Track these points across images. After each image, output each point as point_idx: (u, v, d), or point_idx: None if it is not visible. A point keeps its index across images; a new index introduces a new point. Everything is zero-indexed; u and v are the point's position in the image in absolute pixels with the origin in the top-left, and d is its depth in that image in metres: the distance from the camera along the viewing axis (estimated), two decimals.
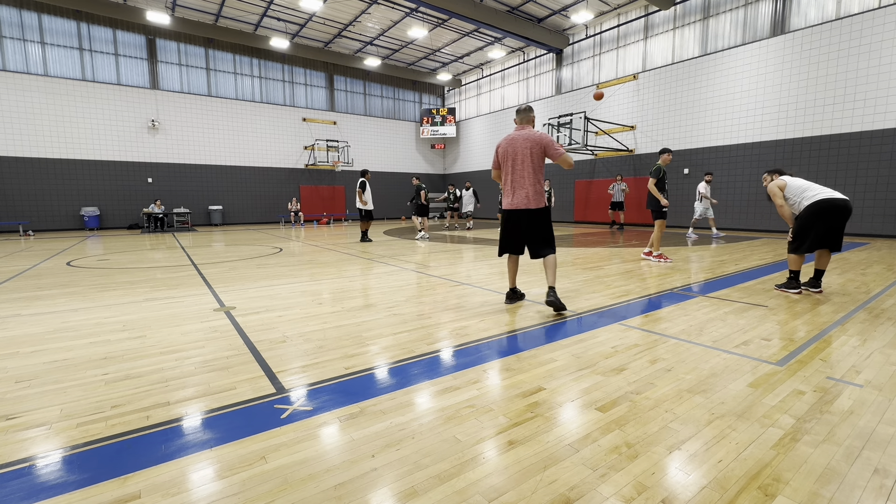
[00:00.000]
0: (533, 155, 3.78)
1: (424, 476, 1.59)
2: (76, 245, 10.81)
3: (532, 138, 3.78)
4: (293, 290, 5.04)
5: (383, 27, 18.23)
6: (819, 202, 4.37)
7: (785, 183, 4.68)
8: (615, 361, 2.70)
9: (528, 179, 3.82)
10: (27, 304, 4.47)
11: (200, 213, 18.87)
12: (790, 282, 4.70)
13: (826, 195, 4.40)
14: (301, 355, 2.87)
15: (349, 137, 22.42)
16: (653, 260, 6.94)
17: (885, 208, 10.72)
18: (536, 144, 3.77)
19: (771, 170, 5.04)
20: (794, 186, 4.63)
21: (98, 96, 16.49)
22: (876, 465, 1.63)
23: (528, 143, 3.79)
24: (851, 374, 2.48)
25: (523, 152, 3.80)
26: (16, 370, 2.66)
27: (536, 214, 3.86)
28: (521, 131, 3.89)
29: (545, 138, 3.77)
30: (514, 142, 3.86)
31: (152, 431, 1.92)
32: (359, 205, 10.71)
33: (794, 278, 4.67)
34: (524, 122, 3.95)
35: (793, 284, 4.66)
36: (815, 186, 4.55)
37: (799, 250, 4.54)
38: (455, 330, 3.41)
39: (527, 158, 3.79)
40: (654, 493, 1.48)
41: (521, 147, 3.82)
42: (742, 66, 13.01)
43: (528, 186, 3.82)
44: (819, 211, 4.37)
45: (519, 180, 3.86)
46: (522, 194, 3.85)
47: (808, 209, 4.42)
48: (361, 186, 10.55)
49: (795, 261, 4.62)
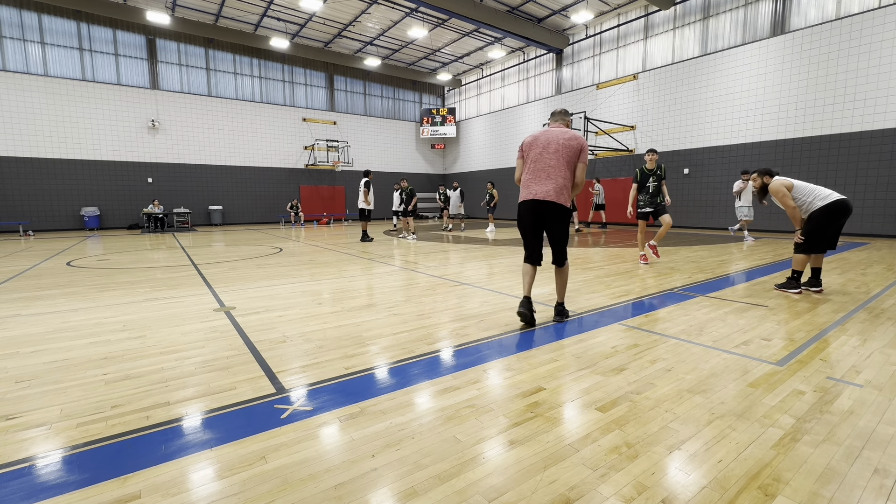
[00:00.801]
0: (570, 149, 3.41)
1: (424, 476, 1.59)
2: (76, 245, 10.81)
3: (572, 135, 3.47)
4: (293, 290, 5.04)
5: (383, 27, 18.23)
6: (836, 203, 4.40)
7: (792, 184, 4.62)
8: (615, 361, 2.70)
9: (559, 171, 3.40)
10: (27, 304, 4.47)
11: (200, 213, 18.87)
12: (791, 282, 4.69)
13: (838, 196, 4.45)
14: (301, 355, 2.87)
15: (349, 137, 22.42)
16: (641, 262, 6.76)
17: (885, 208, 10.72)
18: (575, 140, 3.44)
19: (761, 170, 4.83)
20: (803, 187, 4.60)
21: (98, 96, 16.49)
22: (876, 465, 1.63)
23: (566, 137, 3.44)
24: (851, 374, 2.48)
25: (558, 142, 3.43)
26: (16, 370, 2.66)
27: (561, 213, 3.45)
28: (561, 129, 3.56)
29: (584, 141, 3.49)
30: (549, 133, 3.51)
31: (152, 431, 1.92)
32: (364, 205, 10.79)
33: (797, 278, 4.66)
34: (559, 122, 3.65)
35: (794, 284, 4.66)
36: (819, 187, 4.57)
37: (813, 250, 4.55)
38: (455, 330, 3.41)
39: (561, 149, 3.41)
40: (654, 493, 1.48)
41: (557, 138, 3.45)
42: (742, 66, 13.01)
43: (560, 178, 3.40)
44: (835, 212, 4.41)
45: (548, 169, 3.43)
46: (551, 185, 3.40)
47: (826, 210, 4.42)
48: (367, 186, 10.69)
49: (802, 261, 4.61)
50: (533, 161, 3.52)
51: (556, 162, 3.43)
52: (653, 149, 6.61)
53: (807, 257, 4.60)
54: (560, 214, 3.45)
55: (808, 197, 4.56)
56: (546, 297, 4.52)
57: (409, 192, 12.31)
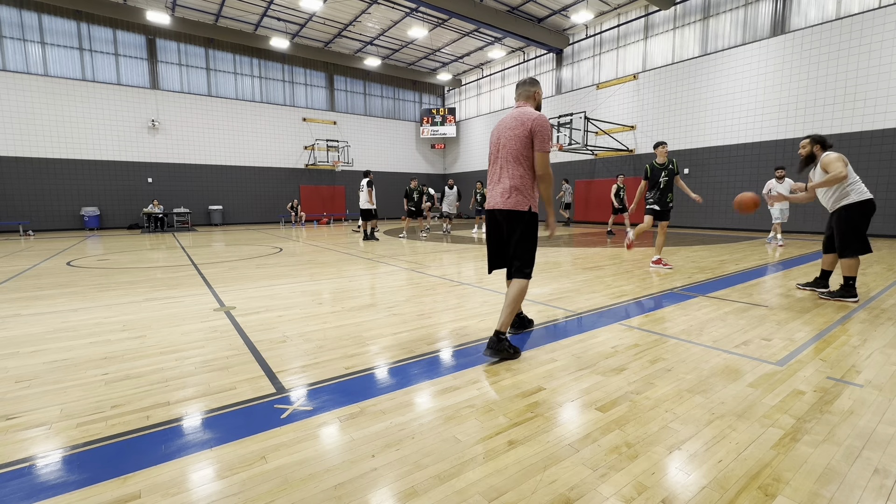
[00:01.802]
0: (517, 139, 2.83)
1: (424, 476, 1.59)
2: (76, 245, 10.81)
3: (520, 119, 2.84)
4: (293, 290, 5.04)
5: (383, 27, 18.23)
6: (871, 201, 4.12)
7: (847, 162, 4.11)
8: (615, 361, 2.70)
9: (507, 169, 2.88)
10: (27, 304, 4.47)
11: (200, 213, 18.87)
12: (849, 289, 4.17)
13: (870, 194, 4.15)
14: (301, 355, 2.87)
15: (349, 137, 22.42)
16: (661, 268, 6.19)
17: (885, 208, 10.71)
18: (521, 126, 2.82)
19: (815, 137, 4.27)
20: (851, 171, 4.13)
21: (98, 96, 16.49)
22: (876, 465, 1.63)
23: (513, 125, 2.86)
24: (851, 374, 2.48)
25: (507, 134, 2.89)
26: (16, 370, 2.66)
27: (514, 218, 2.88)
28: (516, 110, 2.96)
29: (537, 122, 2.79)
30: (502, 121, 2.99)
31: (152, 431, 1.92)
32: (368, 204, 10.92)
33: (852, 285, 4.16)
34: (521, 99, 3.03)
35: (851, 292, 4.16)
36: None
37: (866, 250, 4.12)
38: (455, 330, 3.41)
39: (509, 142, 2.87)
40: (654, 493, 1.48)
41: (505, 127, 2.91)
42: (742, 66, 13.01)
43: (507, 178, 2.88)
44: (871, 209, 4.12)
45: (498, 171, 2.96)
46: (498, 190, 2.93)
47: (863, 207, 4.09)
48: (371, 186, 10.86)
49: (853, 266, 4.16)
50: (490, 162, 3.05)
51: (505, 159, 2.90)
52: (662, 141, 6.14)
53: (856, 261, 4.15)
54: (515, 220, 2.89)
55: (853, 184, 4.11)
56: (545, 297, 4.52)
57: (420, 191, 12.41)
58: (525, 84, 3.04)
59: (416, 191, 12.36)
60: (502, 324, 2.81)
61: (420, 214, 12.71)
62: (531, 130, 2.80)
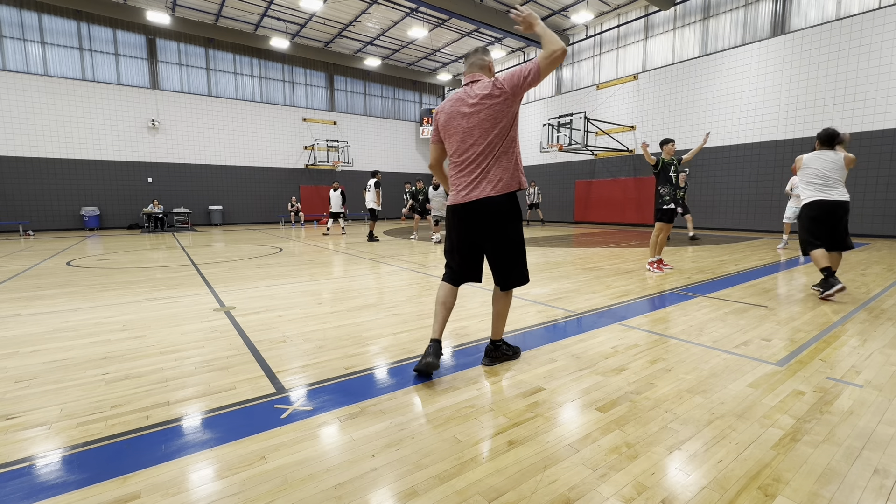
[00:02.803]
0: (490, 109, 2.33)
1: (424, 476, 1.59)
2: (76, 245, 10.81)
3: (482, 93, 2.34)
4: (293, 290, 5.04)
5: (383, 27, 18.23)
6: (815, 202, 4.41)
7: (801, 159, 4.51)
8: (615, 361, 2.70)
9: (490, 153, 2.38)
10: (27, 303, 4.46)
11: (200, 213, 18.87)
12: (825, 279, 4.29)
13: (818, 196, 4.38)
14: (301, 355, 2.87)
15: (349, 137, 22.42)
16: (653, 270, 5.96)
17: (885, 208, 10.72)
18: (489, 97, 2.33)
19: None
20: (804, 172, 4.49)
21: (98, 96, 16.49)
22: (876, 466, 1.63)
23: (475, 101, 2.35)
24: (851, 374, 2.48)
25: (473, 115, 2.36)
26: (16, 370, 2.66)
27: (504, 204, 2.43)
28: (471, 88, 2.40)
29: (497, 79, 2.36)
30: (460, 101, 2.41)
31: (152, 431, 1.92)
32: (374, 205, 10.96)
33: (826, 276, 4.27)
34: (474, 70, 2.47)
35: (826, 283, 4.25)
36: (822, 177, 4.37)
37: (805, 250, 4.53)
38: (455, 330, 3.41)
39: (480, 122, 2.35)
40: (654, 494, 1.48)
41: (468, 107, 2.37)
42: (742, 67, 13.02)
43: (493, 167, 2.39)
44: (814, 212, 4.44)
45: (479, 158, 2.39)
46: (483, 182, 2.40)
47: (807, 209, 4.50)
48: (378, 186, 10.90)
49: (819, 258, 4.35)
50: (457, 152, 2.45)
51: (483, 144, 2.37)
52: (670, 139, 5.87)
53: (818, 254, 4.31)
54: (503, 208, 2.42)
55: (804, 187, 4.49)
56: (545, 297, 4.52)
57: (426, 192, 11.97)
58: (478, 52, 2.49)
59: (421, 192, 12.32)
60: (497, 332, 2.68)
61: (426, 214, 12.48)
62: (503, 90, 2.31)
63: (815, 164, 4.43)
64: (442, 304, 2.57)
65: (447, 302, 2.58)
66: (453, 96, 2.49)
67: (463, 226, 2.52)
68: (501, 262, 2.54)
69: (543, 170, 19.63)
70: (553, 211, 19.41)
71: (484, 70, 2.49)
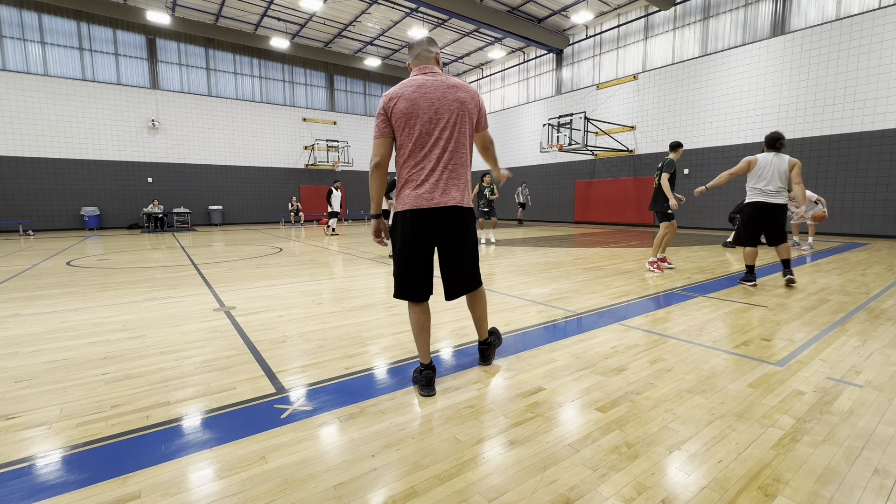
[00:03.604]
0: (469, 114, 2.28)
1: (424, 476, 1.59)
2: (76, 245, 10.81)
3: (462, 87, 2.26)
4: (293, 290, 5.04)
5: (383, 27, 18.23)
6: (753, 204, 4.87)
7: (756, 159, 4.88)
8: (615, 361, 2.70)
9: (458, 156, 2.28)
10: (27, 303, 4.47)
11: (200, 213, 18.87)
12: (747, 274, 5.03)
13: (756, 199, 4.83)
14: (301, 355, 2.87)
15: (349, 137, 22.43)
16: (653, 270, 5.98)
17: (885, 208, 10.72)
18: (472, 100, 2.29)
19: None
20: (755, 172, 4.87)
21: (98, 96, 16.49)
22: (876, 466, 1.63)
23: (464, 97, 2.26)
24: (851, 374, 2.48)
25: (453, 108, 2.22)
26: (16, 370, 2.66)
27: (466, 218, 2.36)
28: (435, 77, 2.25)
29: (480, 96, 2.37)
30: (430, 90, 2.21)
31: (152, 431, 1.92)
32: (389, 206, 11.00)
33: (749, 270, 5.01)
34: (430, 63, 2.33)
35: (749, 277, 5.00)
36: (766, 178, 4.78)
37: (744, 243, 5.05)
38: (455, 330, 3.41)
39: (459, 119, 2.24)
40: (654, 494, 1.48)
41: (449, 103, 2.22)
42: (742, 67, 13.02)
43: (459, 168, 2.30)
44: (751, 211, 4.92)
45: (442, 156, 2.24)
46: (450, 182, 2.27)
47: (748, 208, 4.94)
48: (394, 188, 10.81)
49: (749, 254, 5.03)
50: (422, 147, 2.23)
51: (459, 142, 2.27)
52: (680, 143, 5.96)
53: (749, 251, 4.99)
54: (467, 222, 2.37)
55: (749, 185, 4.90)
56: (545, 297, 4.52)
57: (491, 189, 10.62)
58: (425, 43, 2.34)
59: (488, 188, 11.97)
60: (483, 332, 2.65)
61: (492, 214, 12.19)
62: (480, 106, 2.34)
63: (764, 167, 4.79)
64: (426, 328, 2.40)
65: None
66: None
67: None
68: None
69: (543, 170, 19.63)
70: (553, 211, 19.41)
71: (437, 63, 2.37)
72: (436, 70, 2.31)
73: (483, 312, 2.60)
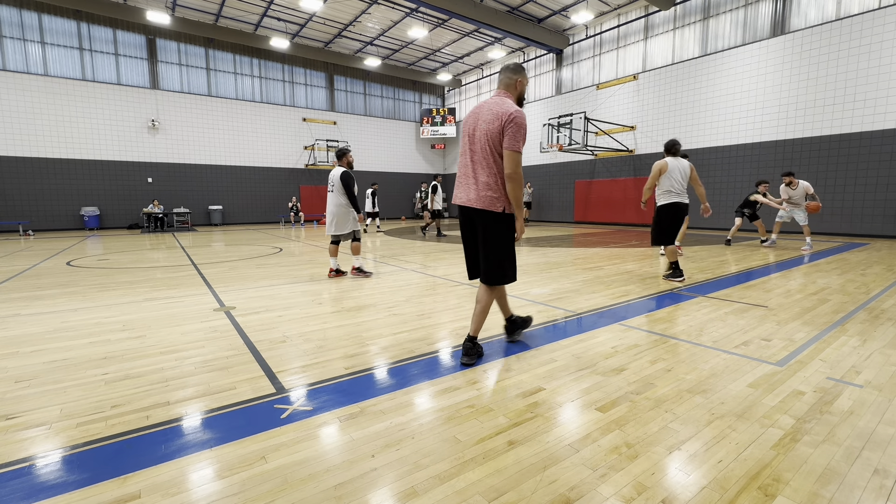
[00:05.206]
0: (491, 134, 2.61)
1: (424, 476, 1.59)
2: (76, 245, 10.81)
3: (497, 111, 2.60)
4: (293, 290, 5.04)
5: (383, 27, 18.23)
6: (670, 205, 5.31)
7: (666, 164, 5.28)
8: (615, 361, 2.70)
9: (482, 165, 2.66)
10: (27, 303, 4.46)
11: (200, 213, 18.86)
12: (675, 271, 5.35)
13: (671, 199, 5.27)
14: (301, 355, 2.87)
15: (349, 137, 22.42)
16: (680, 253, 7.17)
17: (885, 208, 10.72)
18: (497, 120, 2.58)
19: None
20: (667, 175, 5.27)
21: (98, 96, 16.49)
22: (876, 466, 1.63)
23: (488, 118, 2.63)
24: (851, 374, 2.48)
25: (482, 128, 2.65)
26: (16, 370, 2.66)
27: (487, 218, 2.68)
28: (493, 99, 2.72)
29: (510, 118, 2.55)
30: (478, 108, 2.73)
31: (152, 431, 1.92)
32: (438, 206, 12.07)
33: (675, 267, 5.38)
34: (501, 87, 2.79)
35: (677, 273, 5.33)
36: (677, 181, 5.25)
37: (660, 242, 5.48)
38: (455, 330, 3.41)
39: (484, 136, 2.64)
40: (654, 494, 1.48)
41: (482, 122, 2.66)
42: (742, 67, 13.01)
43: (481, 176, 2.66)
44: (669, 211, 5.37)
45: (471, 164, 2.72)
46: (472, 186, 2.71)
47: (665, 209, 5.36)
48: (435, 191, 11.99)
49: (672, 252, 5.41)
50: (461, 153, 2.80)
51: (479, 154, 2.66)
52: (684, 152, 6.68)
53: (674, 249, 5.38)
54: (489, 223, 2.68)
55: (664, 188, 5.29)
56: (545, 297, 4.52)
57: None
58: (508, 70, 2.76)
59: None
60: (476, 329, 2.78)
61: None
62: (503, 126, 2.57)
63: (675, 172, 5.24)
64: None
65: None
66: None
67: None
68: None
69: (543, 170, 19.63)
70: (553, 211, 19.42)
71: (510, 89, 2.77)
72: (500, 94, 2.76)
73: (483, 311, 2.82)
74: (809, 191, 8.21)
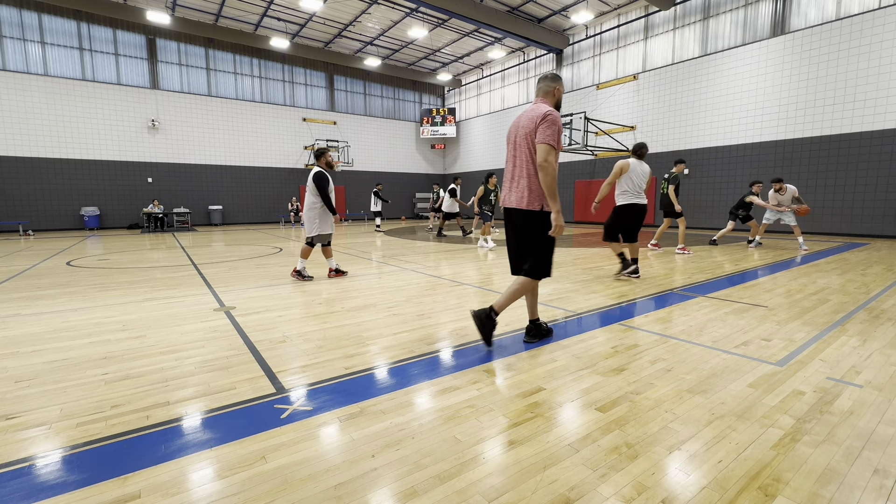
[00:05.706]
0: (530, 138, 2.81)
1: (424, 476, 1.59)
2: (76, 245, 10.80)
3: (533, 115, 2.80)
4: (293, 289, 5.04)
5: (383, 27, 18.23)
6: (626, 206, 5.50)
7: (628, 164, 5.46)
8: (615, 361, 2.70)
9: (524, 168, 2.85)
10: (27, 303, 4.46)
11: (200, 213, 18.86)
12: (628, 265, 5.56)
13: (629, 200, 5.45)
14: (301, 355, 2.87)
15: (349, 137, 22.42)
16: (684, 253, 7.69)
17: (885, 208, 10.72)
18: (532, 124, 2.78)
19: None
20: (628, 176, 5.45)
21: (98, 96, 16.49)
22: (876, 466, 1.63)
23: (525, 122, 2.84)
24: (851, 374, 2.48)
25: (521, 134, 2.86)
26: (16, 370, 2.66)
27: (526, 217, 2.88)
28: (531, 106, 2.92)
29: (544, 115, 2.75)
30: (518, 120, 2.95)
31: (152, 431, 1.92)
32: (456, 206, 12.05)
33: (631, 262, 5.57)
34: (539, 95, 3.00)
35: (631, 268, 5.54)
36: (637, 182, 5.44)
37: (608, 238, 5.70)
38: (455, 330, 3.41)
39: (522, 141, 2.85)
40: (654, 494, 1.48)
41: (521, 127, 2.87)
42: (742, 67, 13.01)
43: (521, 179, 2.88)
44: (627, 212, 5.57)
45: (513, 169, 2.96)
46: (514, 189, 2.94)
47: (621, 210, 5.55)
48: (454, 194, 11.85)
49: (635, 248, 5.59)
50: (507, 160, 3.06)
51: (520, 158, 2.88)
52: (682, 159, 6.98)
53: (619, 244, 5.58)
54: (527, 221, 2.89)
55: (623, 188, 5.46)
56: (546, 297, 4.52)
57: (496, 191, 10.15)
58: (546, 79, 2.98)
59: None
60: (499, 305, 2.98)
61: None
62: (537, 125, 2.75)
63: (636, 173, 5.42)
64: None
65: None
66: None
67: None
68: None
69: None
70: None
71: (548, 96, 2.98)
72: (538, 101, 2.96)
73: (510, 294, 2.94)
74: (795, 194, 8.38)
